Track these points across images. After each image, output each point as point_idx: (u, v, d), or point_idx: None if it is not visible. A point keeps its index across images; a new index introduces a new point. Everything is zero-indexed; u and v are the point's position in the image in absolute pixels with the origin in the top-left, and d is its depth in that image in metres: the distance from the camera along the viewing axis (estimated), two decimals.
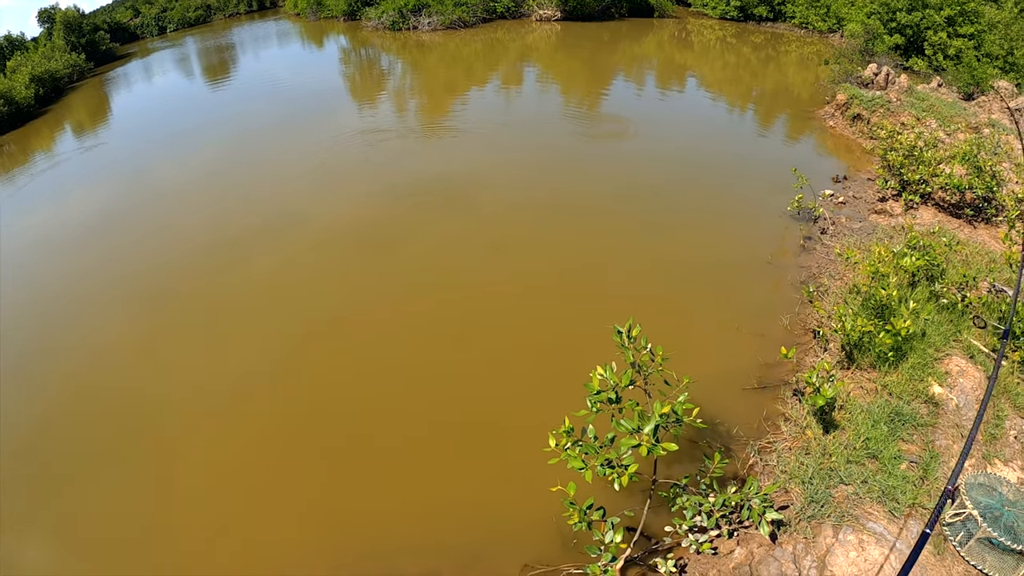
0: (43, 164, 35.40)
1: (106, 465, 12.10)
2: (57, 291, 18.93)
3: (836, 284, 13.21)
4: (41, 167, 34.87)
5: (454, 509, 9.91)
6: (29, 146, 40.91)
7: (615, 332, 8.47)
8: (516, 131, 26.42)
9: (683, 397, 7.77)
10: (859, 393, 9.87)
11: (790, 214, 16.39)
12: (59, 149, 38.34)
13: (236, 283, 17.15)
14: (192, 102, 43.64)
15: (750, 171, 19.83)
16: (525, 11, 49.22)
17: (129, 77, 60.35)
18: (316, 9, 66.61)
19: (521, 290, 15.14)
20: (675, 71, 33.76)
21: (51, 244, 22.80)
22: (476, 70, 38.33)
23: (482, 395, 12.12)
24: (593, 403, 7.95)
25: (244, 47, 64.18)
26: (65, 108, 50.69)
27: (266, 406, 12.68)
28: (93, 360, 15.33)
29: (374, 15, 53.79)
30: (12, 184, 33.20)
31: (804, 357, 11.44)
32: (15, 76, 53.24)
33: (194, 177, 26.36)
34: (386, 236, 18.17)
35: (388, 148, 25.94)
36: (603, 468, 7.55)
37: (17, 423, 13.74)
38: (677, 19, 44.59)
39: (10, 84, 49.78)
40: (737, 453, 9.58)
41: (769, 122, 24.62)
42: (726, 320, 12.93)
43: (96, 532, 10.87)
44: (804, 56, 33.36)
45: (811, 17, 37.48)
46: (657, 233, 16.79)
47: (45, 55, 62.22)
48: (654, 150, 22.61)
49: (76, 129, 43.05)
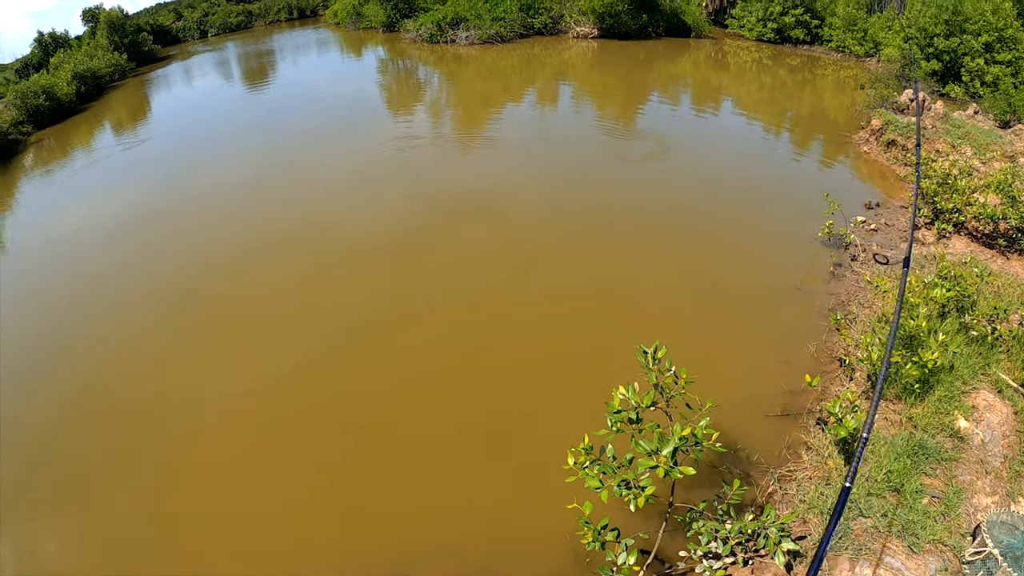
0: (81, 160, 36.14)
1: (126, 459, 12.40)
2: (87, 286, 19.54)
3: (865, 312, 13.05)
4: (80, 163, 35.60)
5: (469, 517, 9.99)
6: (68, 141, 41.75)
7: (640, 352, 8.46)
8: (550, 145, 26.52)
9: (704, 421, 7.74)
10: (883, 424, 9.75)
11: (821, 239, 16.21)
12: (98, 146, 39.11)
13: (266, 286, 17.44)
14: (231, 106, 44.26)
15: (782, 194, 19.72)
16: (562, 28, 49.27)
17: (169, 79, 61.23)
18: (355, 19, 67.28)
19: (549, 302, 15.21)
20: (710, 91, 33.68)
21: (84, 239, 23.36)
22: (512, 84, 38.46)
23: (503, 404, 12.22)
24: (613, 422, 7.94)
25: (284, 54, 64.90)
26: (105, 106, 51.52)
27: (291, 408, 12.87)
28: (118, 355, 15.71)
29: (412, 27, 54.22)
30: (50, 178, 33.89)
31: (829, 385, 11.31)
32: (58, 73, 54.35)
33: (229, 180, 26.80)
34: (417, 244, 18.42)
35: (422, 158, 26.18)
36: (619, 488, 7.51)
37: (41, 411, 14.17)
38: (713, 40, 44.39)
39: (52, 80, 50.85)
40: (757, 480, 9.49)
41: (803, 145, 24.45)
42: (752, 344, 12.86)
43: (117, 526, 11.09)
44: (840, 80, 33.10)
45: (848, 41, 37.18)
46: (687, 253, 16.76)
47: (88, 53, 63.34)
48: (687, 169, 22.56)
49: (115, 127, 43.84)
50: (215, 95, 49.15)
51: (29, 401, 14.68)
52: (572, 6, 48.50)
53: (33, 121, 46.19)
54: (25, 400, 14.75)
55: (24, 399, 14.78)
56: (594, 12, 45.37)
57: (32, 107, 46.38)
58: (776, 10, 40.10)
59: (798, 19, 39.50)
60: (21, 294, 20.15)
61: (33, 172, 36.52)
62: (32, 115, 46.33)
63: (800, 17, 39.45)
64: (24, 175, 36.16)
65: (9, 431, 13.81)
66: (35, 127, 46.03)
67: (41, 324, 17.81)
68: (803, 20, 39.53)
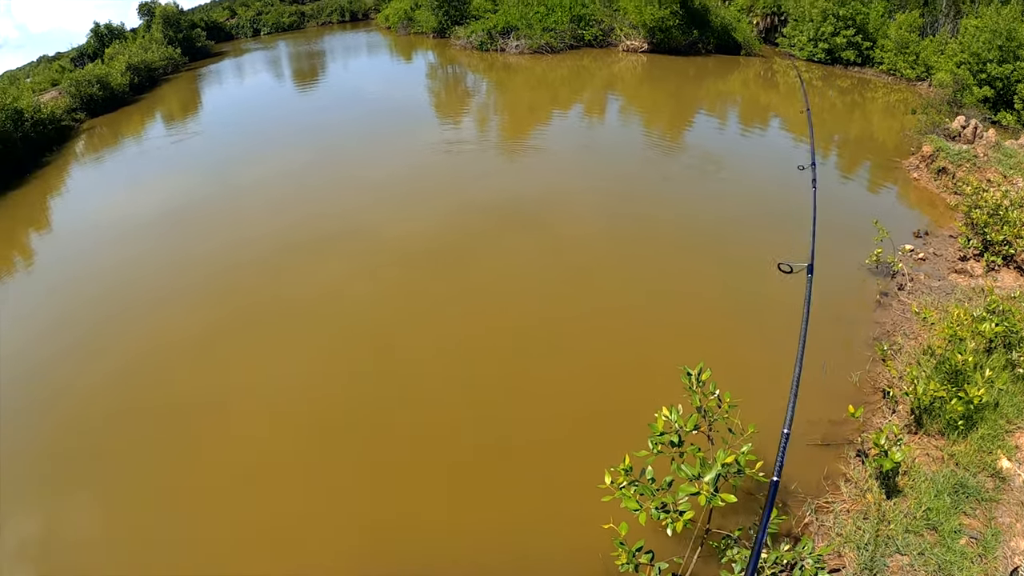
0: (132, 149, 37.09)
1: (152, 447, 12.67)
2: (129, 272, 20.18)
3: (910, 344, 12.85)
4: (130, 152, 36.52)
5: (497, 529, 9.98)
6: (120, 130, 42.81)
7: (684, 374, 8.42)
8: (597, 157, 26.62)
9: (746, 448, 7.67)
10: (924, 460, 9.62)
11: (868, 267, 15.99)
12: (148, 136, 40.09)
13: (306, 284, 17.76)
14: (280, 104, 45.05)
15: (829, 218, 19.27)
16: (612, 40, 49.37)
17: (221, 74, 62.28)
18: (407, 24, 67.93)
19: (592, 316, 15.16)
20: (758, 110, 33.50)
21: (129, 226, 24.28)
22: (561, 95, 38.58)
23: (538, 418, 12.19)
24: (655, 444, 7.90)
25: (334, 55, 65.76)
26: (157, 98, 52.60)
27: (321, 408, 13.03)
28: (155, 341, 16.15)
29: (463, 34, 54.65)
30: (100, 165, 34.63)
31: (871, 417, 11.16)
32: (112, 63, 55.75)
33: (275, 177, 27.33)
34: (461, 251, 18.55)
35: (469, 164, 26.40)
36: (657, 512, 7.47)
37: (73, 391, 14.67)
38: (763, 58, 44.17)
39: (107, 70, 52.19)
40: (793, 510, 9.39)
41: (851, 169, 24.21)
42: (792, 369, 12.72)
43: (134, 507, 11.39)
44: (890, 104, 32.75)
45: (899, 64, 36.70)
46: (732, 273, 16.59)
47: (143, 46, 64.93)
48: (734, 188, 22.41)
49: (166, 119, 44.89)
50: (266, 93, 49.91)
51: (63, 381, 15.16)
52: (623, 19, 48.53)
53: (86, 109, 47.44)
54: (59, 380, 15.22)
55: (59, 380, 15.24)
56: (645, 26, 45.33)
57: (86, 95, 47.62)
58: (828, 30, 39.76)
59: (849, 40, 39.12)
60: (65, 277, 20.81)
61: (84, 158, 37.43)
62: (86, 103, 47.57)
63: (852, 38, 39.06)
64: (75, 161, 37.08)
65: (40, 410, 14.29)
66: (88, 115, 47.31)
67: (81, 307, 18.41)
68: (854, 41, 39.14)
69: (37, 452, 13.15)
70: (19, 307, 19.64)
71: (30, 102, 40.85)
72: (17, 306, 19.79)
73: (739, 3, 48.19)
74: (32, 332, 17.63)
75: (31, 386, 15.27)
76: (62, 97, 47.51)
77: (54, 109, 43.08)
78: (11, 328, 17.97)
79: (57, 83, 56.52)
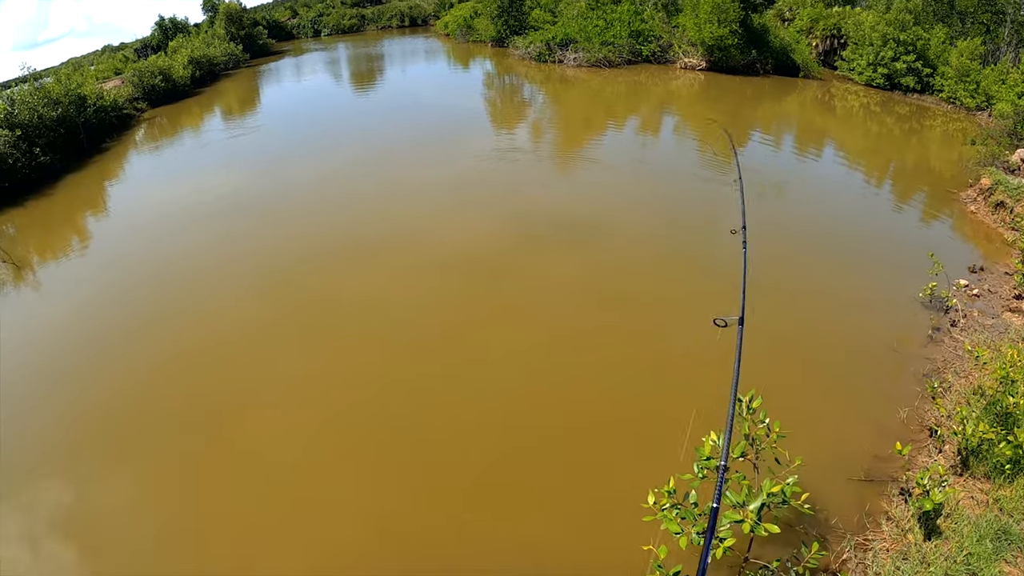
0: (190, 141, 38.19)
1: (192, 427, 13.22)
2: (183, 260, 20.97)
3: (961, 382, 12.62)
4: (188, 143, 37.59)
5: (531, 542, 10.02)
6: (179, 121, 44.15)
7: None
8: (650, 175, 26.58)
9: (792, 479, 7.67)
10: (969, 503, 9.47)
11: (921, 301, 15.74)
12: (206, 129, 41.15)
13: (352, 285, 18.20)
14: (337, 105, 45.89)
15: (882, 248, 19.25)
16: (670, 57, 49.38)
17: (280, 72, 63.37)
18: (466, 32, 68.46)
19: (642, 338, 15.17)
20: (814, 134, 33.20)
21: (184, 215, 25.33)
22: (616, 110, 38.63)
23: (580, 432, 12.22)
24: (700, 468, 7.92)
25: (392, 59, 66.51)
26: (218, 92, 53.84)
27: (358, 410, 13.24)
28: (203, 329, 16.78)
29: (522, 44, 55.06)
30: (158, 154, 35.58)
31: (917, 455, 10.99)
32: (175, 56, 57.31)
33: (329, 176, 28.14)
34: (506, 262, 18.78)
35: (521, 175, 26.58)
36: (698, 537, 7.49)
37: (122, 372, 15.30)
38: (822, 81, 43.75)
39: (170, 63, 53.71)
40: (832, 545, 9.30)
41: (906, 199, 23.86)
42: (841, 401, 12.60)
43: (168, 488, 11.75)
44: (949, 133, 32.26)
45: (959, 92, 36.12)
46: (782, 299, 16.41)
47: (205, 41, 66.64)
48: (786, 214, 22.23)
49: (225, 113, 46.14)
50: (324, 92, 50.72)
51: (112, 362, 15.78)
52: (681, 36, 48.46)
53: (148, 99, 48.86)
54: (108, 361, 15.85)
55: (108, 360, 15.87)
56: (703, 44, 45.24)
57: (148, 86, 49.02)
58: (888, 55, 39.35)
59: (909, 66, 38.68)
60: (118, 260, 21.76)
61: (143, 146, 38.41)
62: (147, 93, 49.02)
63: (912, 64, 38.63)
64: (134, 148, 38.07)
65: (87, 386, 14.91)
66: (149, 105, 48.78)
67: (131, 291, 19.16)
68: (914, 67, 38.70)
69: (77, 419, 13.79)
70: (70, 285, 20.62)
71: (93, 89, 42.05)
72: (68, 284, 20.81)
73: (798, 24, 47.80)
74: (84, 306, 18.62)
75: (79, 356, 16.16)
76: (125, 86, 48.73)
77: (116, 97, 44.23)
78: (63, 302, 19.13)
79: (120, 72, 57.95)
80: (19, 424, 13.71)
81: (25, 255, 23.51)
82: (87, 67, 65.49)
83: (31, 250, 24.23)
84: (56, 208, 28.79)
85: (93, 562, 10.47)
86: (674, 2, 51.27)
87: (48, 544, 10.82)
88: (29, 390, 14.95)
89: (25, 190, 30.64)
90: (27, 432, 13.49)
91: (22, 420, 13.84)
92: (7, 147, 30.69)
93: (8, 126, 32.22)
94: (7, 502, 11.70)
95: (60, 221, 27.10)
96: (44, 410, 14.18)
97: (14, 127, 32.18)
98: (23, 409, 14.22)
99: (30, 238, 25.78)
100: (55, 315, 18.39)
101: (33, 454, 12.86)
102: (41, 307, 19.41)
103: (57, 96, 36.36)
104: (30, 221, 27.61)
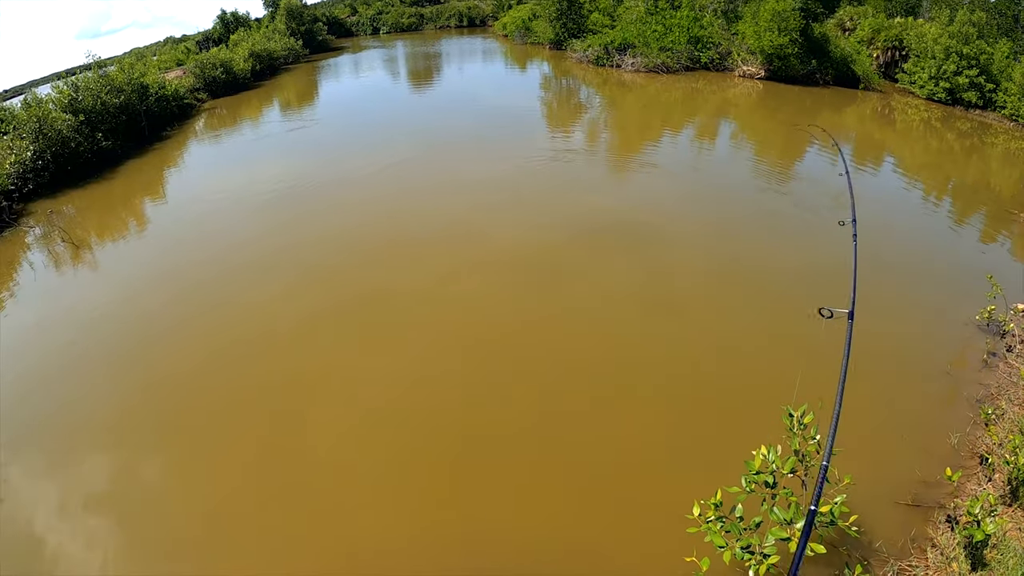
0: (248, 132, 39.04)
1: (229, 418, 13.58)
2: (235, 248, 21.65)
3: (1014, 410, 12.41)
4: (247, 134, 38.46)
5: (568, 551, 10.06)
6: (238, 113, 45.06)
7: (786, 415, 8.46)
8: (705, 183, 26.50)
9: (840, 499, 7.70)
10: (1016, 535, 9.39)
11: (977, 324, 15.43)
12: (265, 121, 41.80)
13: (401, 281, 18.44)
14: (394, 101, 46.48)
15: (938, 268, 18.97)
16: (729, 65, 49.15)
17: (339, 68, 64.18)
18: (524, 33, 68.66)
19: (692, 348, 15.20)
20: (872, 148, 32.74)
21: (240, 205, 26.11)
22: (673, 116, 38.46)
23: (623, 439, 12.27)
24: (748, 483, 7.96)
25: (450, 59, 66.89)
26: (277, 86, 54.72)
27: (399, 405, 13.50)
28: (250, 319, 17.26)
29: (579, 47, 55.24)
30: (217, 143, 36.44)
31: (966, 483, 10.86)
32: (236, 49, 58.33)
33: (380, 172, 28.64)
34: (556, 264, 18.96)
35: (573, 179, 26.67)
36: (742, 552, 7.54)
37: (165, 357, 15.82)
38: (882, 94, 43.14)
39: (231, 55, 54.70)
40: (875, 569, 9.25)
41: (964, 218, 23.43)
42: (891, 422, 12.49)
43: (201, 475, 12.13)
44: (1011, 151, 31.55)
45: (1023, 109, 35.58)
46: (831, 319, 16.35)
47: (266, 35, 67.74)
48: (837, 229, 21.91)
49: (283, 106, 46.91)
50: (381, 89, 51.32)
51: (159, 346, 16.31)
52: (740, 44, 48.16)
53: (208, 90, 49.98)
54: (156, 345, 16.38)
55: (156, 344, 16.41)
56: (763, 52, 44.90)
57: (209, 77, 50.08)
58: (950, 69, 38.71)
59: (972, 81, 38.01)
60: (174, 245, 22.71)
61: (202, 136, 39.28)
62: (208, 84, 50.13)
63: (974, 79, 37.94)
64: (194, 137, 38.93)
65: (134, 364, 15.46)
66: (210, 96, 49.96)
67: (184, 276, 19.90)
68: (977, 82, 38.00)
69: (123, 400, 14.32)
70: (126, 267, 21.37)
71: (155, 78, 43.14)
72: (123, 265, 21.53)
73: (859, 35, 47.24)
74: (138, 288, 19.40)
75: (128, 339, 16.77)
76: (186, 76, 49.82)
77: (178, 87, 45.26)
78: (118, 284, 19.92)
79: (182, 63, 59.24)
80: (72, 398, 14.40)
81: (84, 236, 24.30)
82: (150, 57, 67.01)
83: (90, 231, 25.03)
84: (115, 192, 29.72)
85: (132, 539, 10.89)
86: (734, 9, 51.10)
87: (91, 520, 11.23)
88: (79, 368, 15.63)
89: (87, 174, 31.82)
90: (77, 408, 14.13)
91: (76, 395, 14.52)
92: (71, 131, 31.67)
93: (72, 111, 33.21)
94: (51, 476, 12.21)
95: (119, 204, 27.96)
96: (97, 387, 14.80)
97: (78, 112, 33.18)
98: (75, 384, 14.93)
99: (89, 220, 26.65)
100: (109, 296, 19.08)
101: (81, 431, 13.47)
102: (96, 287, 20.15)
103: (120, 84, 37.37)
104: (90, 203, 28.55)
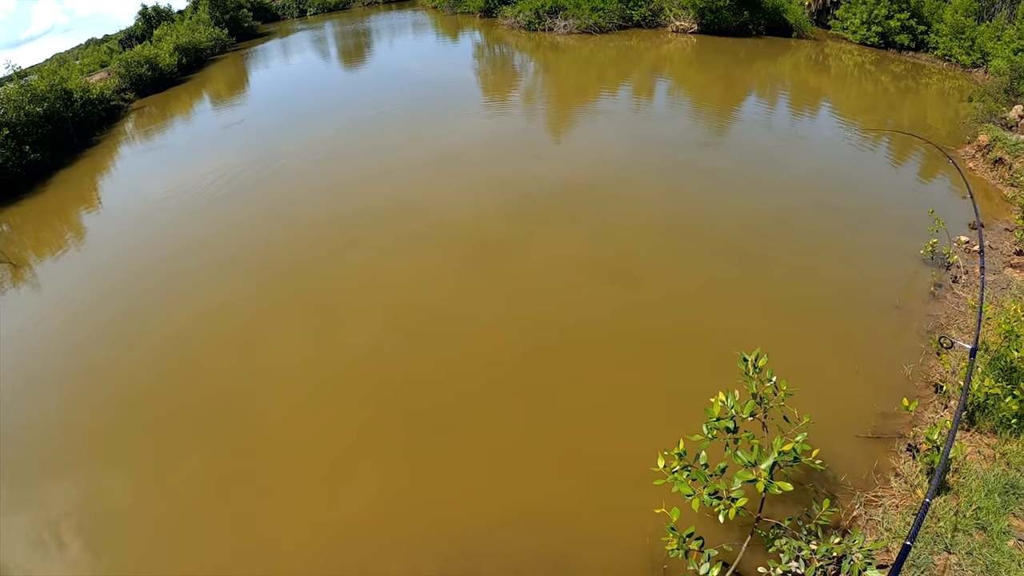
0: (180, 129, 38.23)
1: (187, 424, 13.31)
2: (179, 250, 21.15)
3: (965, 338, 12.67)
4: (178, 132, 37.68)
5: (542, 512, 10.08)
6: (168, 110, 44.23)
7: (740, 360, 8.47)
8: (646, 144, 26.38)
9: (801, 436, 7.70)
10: (976, 458, 9.53)
11: (922, 258, 15.74)
12: (196, 116, 41.04)
13: (347, 264, 18.45)
14: (326, 83, 46.08)
15: (881, 207, 19.20)
16: (662, 21, 48.97)
17: (268, 54, 63.13)
18: (453, 4, 68.07)
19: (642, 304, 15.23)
20: (809, 95, 32.95)
21: (177, 205, 25.36)
22: (608, 75, 38.45)
23: (587, 403, 12.28)
24: (710, 429, 7.96)
25: (380, 34, 66.10)
26: (206, 78, 53.68)
27: (362, 386, 13.49)
28: (204, 317, 16.98)
29: (510, 13, 54.68)
30: (148, 144, 35.77)
31: (923, 411, 11.05)
32: (160, 44, 56.98)
33: (321, 156, 28.43)
34: (504, 236, 18.74)
35: (512, 147, 26.39)
36: (710, 498, 7.54)
37: (122, 363, 15.45)
38: (815, 41, 43.36)
39: (155, 51, 53.34)
40: (842, 503, 9.38)
41: (903, 158, 23.72)
42: (846, 359, 12.63)
43: (176, 481, 11.87)
44: (945, 90, 32.00)
45: (955, 49, 35.73)
46: (781, 263, 16.51)
47: (190, 27, 66.18)
48: (782, 176, 22.13)
49: (214, 99, 46.20)
50: (312, 72, 50.59)
51: (110, 353, 15.94)
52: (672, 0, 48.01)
53: (135, 89, 48.76)
54: (106, 353, 16.01)
55: (106, 352, 16.03)
56: (694, 7, 44.78)
57: (135, 76, 48.87)
58: (881, 13, 38.94)
59: (904, 24, 38.24)
60: (113, 253, 21.99)
61: (133, 137, 38.25)
62: (135, 83, 48.91)
63: (906, 22, 38.17)
64: (124, 139, 37.96)
65: (89, 382, 15.03)
66: (137, 95, 48.68)
67: (129, 284, 19.32)
68: (909, 25, 38.23)
69: (78, 422, 13.84)
70: (68, 281, 20.69)
71: (79, 83, 41.97)
72: (66, 280, 20.86)
73: None
74: (82, 305, 18.60)
75: (81, 357, 16.12)
76: (111, 78, 48.59)
77: (103, 89, 44.03)
78: (61, 302, 19.12)
79: (106, 65, 57.81)
80: (26, 419, 14.03)
81: (21, 254, 23.53)
82: (72, 62, 65.33)
83: (27, 248, 24.26)
84: (49, 205, 28.76)
85: (100, 560, 10.63)
86: None
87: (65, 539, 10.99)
88: (33, 390, 15.17)
89: (17, 189, 30.71)
90: (30, 429, 13.78)
91: (26, 417, 14.16)
92: None
93: None
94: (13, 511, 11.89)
95: (54, 217, 27.14)
96: (48, 408, 14.40)
97: (1, 126, 32.04)
98: (28, 405, 14.56)
99: (25, 236, 25.78)
100: (54, 314, 18.41)
101: (38, 453, 13.12)
102: (40, 306, 19.40)
103: (42, 92, 36.23)
104: (23, 219, 27.61)
